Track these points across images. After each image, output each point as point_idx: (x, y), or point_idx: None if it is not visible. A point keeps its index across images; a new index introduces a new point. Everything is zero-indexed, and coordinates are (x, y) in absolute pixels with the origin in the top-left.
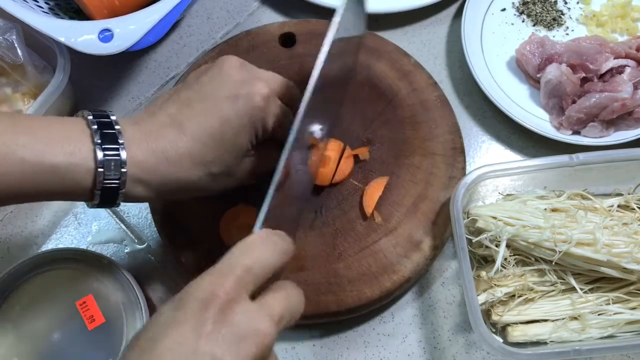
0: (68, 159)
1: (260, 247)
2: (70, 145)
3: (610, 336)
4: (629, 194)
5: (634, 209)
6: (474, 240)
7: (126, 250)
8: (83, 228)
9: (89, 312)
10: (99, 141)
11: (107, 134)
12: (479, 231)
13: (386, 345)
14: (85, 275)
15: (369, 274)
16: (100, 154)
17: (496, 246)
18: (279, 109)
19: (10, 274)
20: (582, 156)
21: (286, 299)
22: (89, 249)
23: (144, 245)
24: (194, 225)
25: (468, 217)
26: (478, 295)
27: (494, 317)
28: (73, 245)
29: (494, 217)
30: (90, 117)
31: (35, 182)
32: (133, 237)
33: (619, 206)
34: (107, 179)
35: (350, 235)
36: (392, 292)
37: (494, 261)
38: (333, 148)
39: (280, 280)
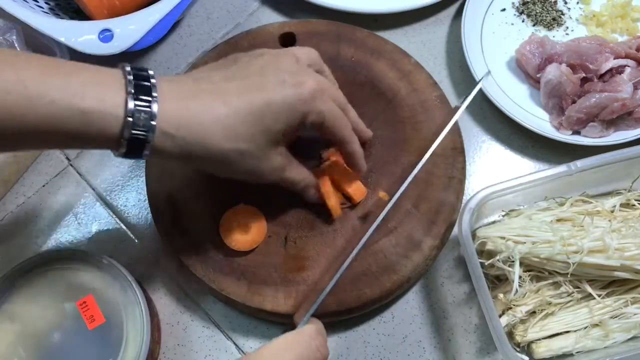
0: (98, 104)
1: (305, 350)
2: (102, 92)
3: (635, 337)
4: (628, 192)
5: (634, 205)
6: (486, 264)
7: (126, 250)
8: (83, 228)
9: (89, 312)
10: (132, 91)
11: (141, 86)
12: (489, 252)
13: (386, 345)
14: (85, 275)
15: (369, 274)
16: (131, 104)
17: (509, 266)
18: (328, 109)
19: (10, 274)
20: (579, 163)
21: None
22: (89, 249)
23: (144, 245)
24: (194, 225)
25: (475, 239)
26: (500, 318)
27: (517, 338)
28: (73, 245)
29: (502, 237)
30: (128, 69)
31: (64, 125)
32: (133, 237)
33: (620, 205)
34: (135, 129)
35: (350, 235)
36: (392, 292)
37: (507, 279)
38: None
39: None
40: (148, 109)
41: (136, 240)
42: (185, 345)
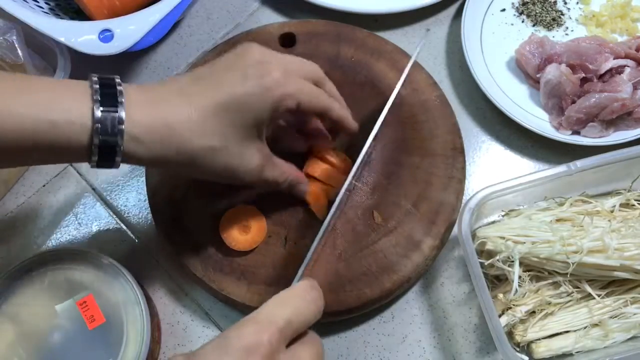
0: (65, 115)
1: (300, 302)
2: (69, 103)
3: (634, 337)
4: (628, 192)
5: (634, 205)
6: (485, 264)
7: (126, 250)
8: (83, 228)
9: (89, 312)
10: (99, 99)
11: (107, 94)
12: (489, 252)
13: (386, 345)
14: (86, 275)
15: (369, 274)
16: (97, 111)
17: (509, 266)
18: (301, 91)
19: (11, 274)
20: (579, 163)
21: (313, 351)
22: (88, 249)
23: (144, 245)
24: (194, 225)
25: (475, 239)
26: (499, 318)
27: (517, 338)
28: (73, 245)
29: (502, 237)
30: (95, 79)
31: (34, 139)
32: (133, 237)
33: (620, 205)
34: (104, 136)
35: (350, 235)
36: (392, 292)
37: (507, 279)
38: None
39: (307, 331)
40: (115, 114)
41: (136, 240)
42: (185, 345)
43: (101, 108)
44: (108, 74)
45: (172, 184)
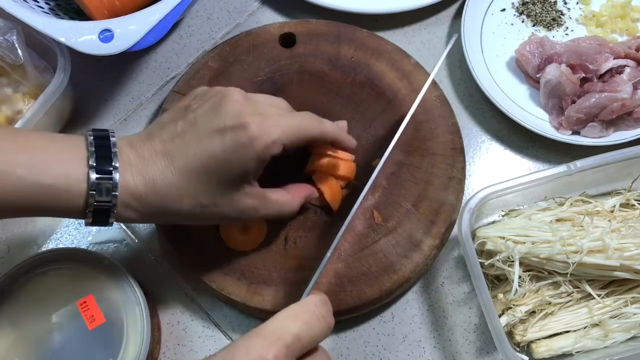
0: (62, 180)
1: (310, 317)
2: (65, 166)
3: (634, 337)
4: (628, 192)
5: (634, 205)
6: (486, 264)
7: (126, 250)
8: (83, 228)
9: (90, 312)
10: (94, 164)
11: (103, 156)
12: (489, 252)
13: (386, 345)
14: (86, 275)
15: (369, 274)
16: (93, 176)
17: (509, 266)
18: (284, 136)
19: (10, 274)
20: (579, 163)
21: None
22: (89, 249)
23: (144, 245)
24: (194, 226)
25: (475, 239)
26: (499, 318)
27: (517, 338)
28: (73, 245)
29: (502, 237)
30: (91, 138)
31: (31, 200)
32: (133, 237)
33: (620, 205)
34: (98, 201)
35: (350, 235)
36: (392, 292)
37: (507, 279)
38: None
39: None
40: (109, 181)
41: (136, 241)
42: (185, 345)
43: (97, 175)
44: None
45: None
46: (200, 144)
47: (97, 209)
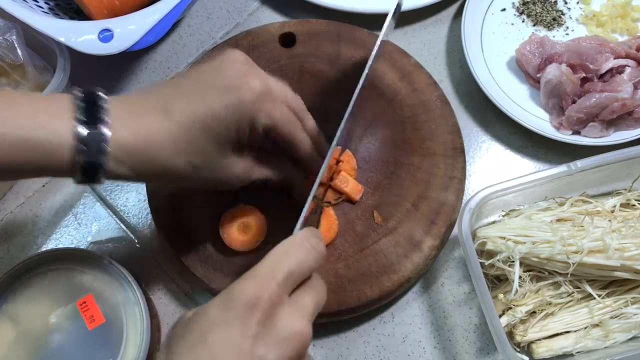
0: (51, 136)
1: (300, 251)
2: (53, 122)
3: (635, 337)
4: (628, 192)
5: (634, 205)
6: (486, 264)
7: (126, 250)
8: (83, 228)
9: (89, 312)
10: (83, 118)
11: (92, 111)
12: (489, 252)
13: (386, 345)
14: (85, 275)
15: (369, 274)
16: (82, 130)
17: (509, 266)
18: (279, 112)
19: (10, 274)
20: (580, 163)
21: (316, 295)
22: (89, 249)
23: (144, 245)
24: (193, 226)
25: (475, 239)
26: (500, 318)
27: (517, 338)
28: (73, 245)
29: (502, 237)
30: (78, 93)
31: (18, 159)
32: (133, 237)
33: (620, 205)
34: (87, 156)
35: (350, 235)
36: (392, 292)
37: (507, 279)
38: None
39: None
40: (100, 134)
41: (136, 241)
42: None
43: (85, 128)
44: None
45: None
46: (201, 100)
47: (87, 166)
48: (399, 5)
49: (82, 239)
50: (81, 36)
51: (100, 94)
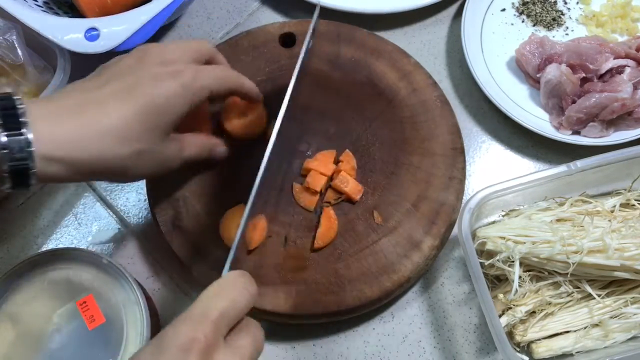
0: None
1: (232, 291)
2: None
3: (635, 337)
4: (628, 192)
5: (634, 205)
6: (486, 264)
7: (126, 251)
8: (83, 228)
9: (89, 312)
10: (0, 122)
11: (9, 114)
12: (489, 252)
13: (386, 345)
14: (85, 275)
15: (369, 274)
16: (2, 137)
17: (509, 266)
18: (211, 78)
19: (10, 273)
20: (579, 163)
21: (253, 339)
22: (89, 249)
23: (144, 246)
24: (193, 225)
25: (475, 239)
26: (499, 318)
27: (517, 338)
28: (73, 245)
29: (502, 237)
30: None
31: None
32: (133, 237)
33: (620, 205)
34: (13, 161)
35: (350, 235)
36: (392, 292)
37: (507, 279)
38: (323, 161)
39: (244, 318)
40: (21, 137)
41: (136, 240)
42: None
43: (4, 132)
44: None
45: (172, 184)
46: (134, 89)
47: (15, 172)
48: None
49: (82, 239)
50: (68, 34)
51: (15, 97)
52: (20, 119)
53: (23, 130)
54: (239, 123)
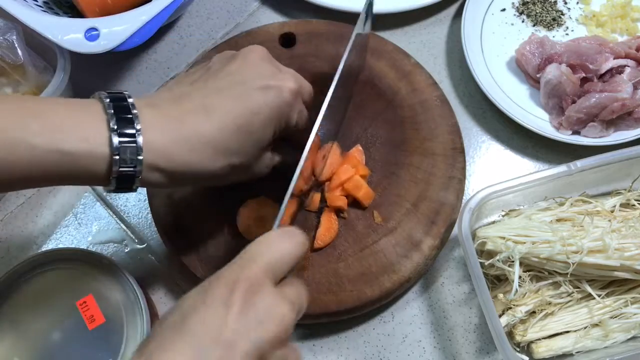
0: (82, 145)
1: (281, 241)
2: (84, 131)
3: (635, 337)
4: (628, 192)
5: (634, 205)
6: (486, 264)
7: (126, 250)
8: (83, 228)
9: (89, 312)
10: (115, 127)
11: (123, 118)
12: (489, 252)
13: (386, 345)
14: (86, 275)
15: (369, 274)
16: (115, 140)
17: (509, 266)
18: (302, 106)
19: (10, 274)
20: (579, 163)
21: (299, 292)
22: (89, 249)
23: (144, 245)
24: (194, 225)
25: (475, 239)
26: (499, 318)
27: (517, 338)
28: (73, 245)
29: (502, 237)
30: (107, 100)
31: (47, 169)
32: (133, 237)
33: (620, 205)
34: (122, 166)
35: (350, 235)
36: (392, 292)
37: (507, 279)
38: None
39: (290, 277)
40: (133, 144)
41: (136, 240)
42: None
43: (119, 138)
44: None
45: None
46: (242, 100)
47: (122, 175)
48: (371, 4)
49: (82, 239)
50: (67, 34)
51: (129, 99)
52: (134, 124)
53: (136, 137)
54: (254, 231)
